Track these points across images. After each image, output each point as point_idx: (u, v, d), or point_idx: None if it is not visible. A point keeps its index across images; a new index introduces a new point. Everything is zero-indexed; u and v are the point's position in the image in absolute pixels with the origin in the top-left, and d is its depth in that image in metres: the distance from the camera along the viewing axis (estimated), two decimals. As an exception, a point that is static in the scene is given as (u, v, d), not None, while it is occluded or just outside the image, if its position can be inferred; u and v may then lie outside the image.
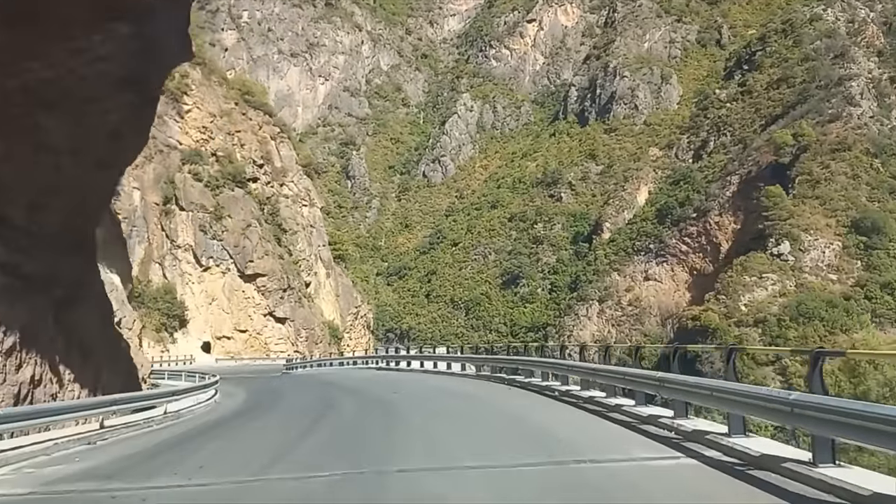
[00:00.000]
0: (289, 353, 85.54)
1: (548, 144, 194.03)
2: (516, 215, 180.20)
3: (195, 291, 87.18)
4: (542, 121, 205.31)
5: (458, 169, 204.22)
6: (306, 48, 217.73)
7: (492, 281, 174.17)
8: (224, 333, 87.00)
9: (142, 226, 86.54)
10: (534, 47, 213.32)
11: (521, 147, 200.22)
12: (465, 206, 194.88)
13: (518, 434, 14.90)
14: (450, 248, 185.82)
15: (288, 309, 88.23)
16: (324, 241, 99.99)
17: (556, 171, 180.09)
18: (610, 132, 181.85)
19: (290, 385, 41.63)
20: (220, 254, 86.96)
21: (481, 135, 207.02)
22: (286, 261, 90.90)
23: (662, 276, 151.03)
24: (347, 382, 37.22)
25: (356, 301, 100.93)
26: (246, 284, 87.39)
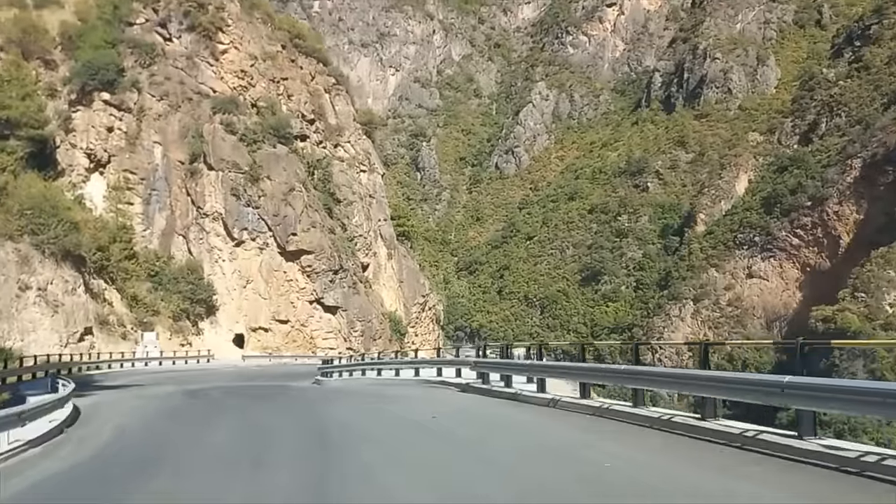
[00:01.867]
0: (339, 350, 63.04)
1: (630, 133, 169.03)
2: (597, 207, 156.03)
3: (226, 271, 65.49)
4: (623, 109, 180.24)
5: (532, 160, 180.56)
6: (377, 38, 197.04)
7: (570, 277, 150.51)
8: (261, 324, 65.07)
9: (163, 189, 65.34)
10: (613, 33, 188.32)
11: (600, 137, 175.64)
12: (539, 198, 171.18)
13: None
14: (524, 242, 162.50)
15: (339, 295, 65.93)
16: (385, 215, 77.58)
17: (641, 160, 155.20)
18: (700, 118, 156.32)
19: (283, 419, 18.77)
20: (256, 224, 65.19)
21: (557, 125, 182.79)
22: (338, 236, 68.72)
23: (769, 272, 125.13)
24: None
25: (423, 288, 78.20)
26: (288, 264, 65.41)
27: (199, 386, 30.70)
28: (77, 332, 51.48)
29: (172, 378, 38.46)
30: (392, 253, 75.11)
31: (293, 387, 30.70)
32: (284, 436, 14.06)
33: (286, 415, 17.37)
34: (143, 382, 33.92)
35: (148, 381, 36.05)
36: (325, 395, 25.24)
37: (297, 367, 55.29)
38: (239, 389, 28.59)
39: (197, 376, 40.33)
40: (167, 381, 35.89)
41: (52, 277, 51.23)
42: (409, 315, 74.53)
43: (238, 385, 32.19)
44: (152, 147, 66.30)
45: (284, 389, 28.38)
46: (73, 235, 51.89)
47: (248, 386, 31.28)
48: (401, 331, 71.54)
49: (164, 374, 44.35)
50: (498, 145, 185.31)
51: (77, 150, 64.25)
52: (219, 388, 29.10)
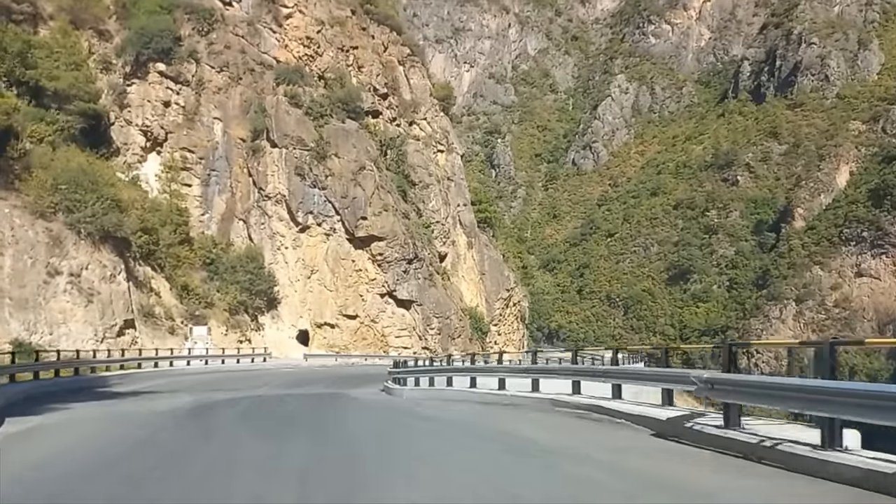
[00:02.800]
0: (414, 350, 53.73)
1: (716, 126, 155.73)
2: (682, 202, 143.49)
3: (289, 260, 56.99)
4: (708, 101, 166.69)
5: (611, 155, 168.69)
6: (451, 34, 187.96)
7: (655, 276, 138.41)
8: (326, 319, 56.29)
9: (223, 170, 57.25)
10: (699, 21, 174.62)
11: (683, 130, 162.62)
12: (619, 194, 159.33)
13: None
14: (604, 240, 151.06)
15: (414, 288, 56.69)
16: (465, 199, 68.00)
17: (729, 153, 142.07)
18: (794, 108, 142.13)
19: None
20: (321, 207, 56.51)
21: (637, 118, 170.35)
22: (413, 222, 59.56)
23: (880, 271, 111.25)
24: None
25: (508, 282, 68.15)
26: (357, 252, 56.50)
27: (228, 395, 21.68)
28: (115, 325, 43.40)
29: (206, 382, 29.67)
30: (472, 241, 65.53)
31: (353, 398, 21.31)
32: None
33: (317, 479, 7.78)
34: (159, 389, 25.13)
35: (173, 386, 27.30)
36: (398, 418, 15.64)
37: (366, 369, 46.11)
38: (276, 403, 19.37)
39: (238, 380, 31.49)
40: (195, 386, 27.09)
41: (88, 262, 43.29)
42: (492, 311, 64.83)
43: (281, 394, 23.00)
44: (212, 123, 58.32)
45: (340, 404, 18.88)
46: (113, 214, 43.93)
47: (293, 396, 22.02)
48: (482, 329, 61.90)
49: (202, 375, 35.72)
50: (575, 141, 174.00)
51: (132, 128, 56.78)
52: (249, 401, 19.94)
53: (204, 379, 32.32)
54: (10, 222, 41.00)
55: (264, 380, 32.30)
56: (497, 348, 63.58)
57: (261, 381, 31.53)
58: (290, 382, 30.68)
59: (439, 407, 17.62)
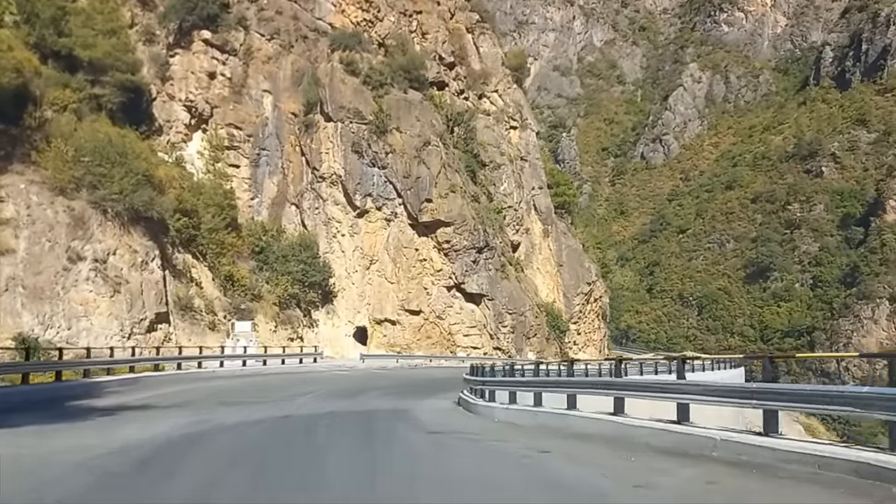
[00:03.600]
0: (484, 350, 46.06)
1: (796, 115, 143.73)
2: (761, 196, 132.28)
3: (345, 248, 49.97)
4: (787, 90, 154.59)
5: (682, 148, 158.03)
6: (515, 27, 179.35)
7: (732, 274, 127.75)
8: (387, 315, 49.03)
9: (274, 148, 50.56)
10: (774, 7, 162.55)
11: (760, 120, 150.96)
12: (692, 188, 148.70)
13: None
14: (675, 236, 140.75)
15: (485, 280, 48.98)
16: (541, 182, 59.83)
17: (812, 143, 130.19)
18: (884, 93, 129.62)
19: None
20: (382, 189, 49.27)
21: (710, 109, 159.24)
22: (483, 206, 51.68)
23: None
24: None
25: (589, 274, 59.75)
26: (421, 239, 49.11)
27: (241, 415, 14.61)
28: (146, 319, 36.95)
29: (231, 391, 22.67)
30: (549, 229, 57.46)
31: (420, 422, 13.74)
32: None
33: None
34: (157, 403, 18.24)
35: (183, 397, 20.40)
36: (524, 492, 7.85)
37: (431, 371, 38.67)
38: (303, 433, 11.97)
39: (274, 388, 24.43)
40: (210, 397, 20.15)
41: (116, 246, 36.93)
42: (571, 308, 56.61)
43: (319, 412, 15.81)
44: (261, 97, 51.63)
45: (400, 437, 11.27)
46: (144, 191, 37.45)
47: (336, 417, 14.73)
48: (560, 327, 53.86)
49: (232, 380, 28.73)
50: (644, 134, 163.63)
51: (175, 103, 50.51)
52: (265, 428, 12.59)
53: (231, 386, 25.31)
54: (27, 200, 34.84)
55: (308, 387, 25.10)
56: (576, 350, 55.42)
57: (303, 388, 24.37)
58: (339, 391, 23.41)
59: (593, 456, 9.87)
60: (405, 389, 24.27)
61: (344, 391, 23.53)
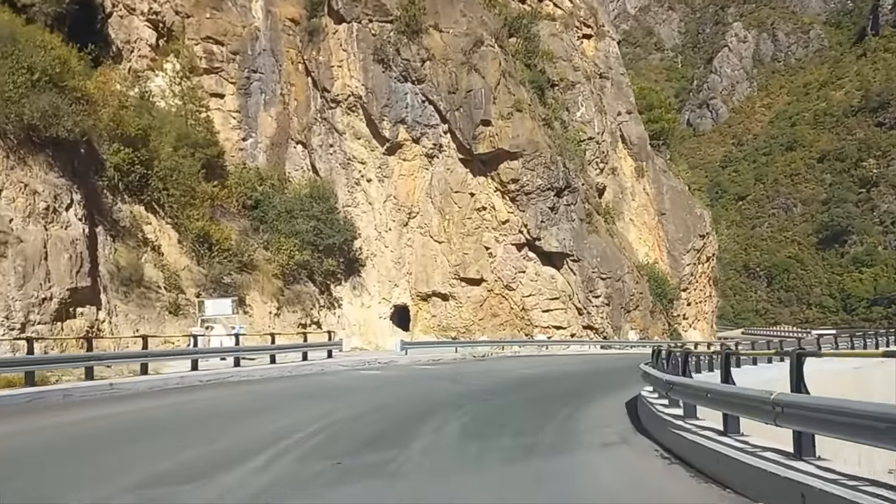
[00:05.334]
0: (572, 330, 29.82)
1: (857, 67, 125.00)
2: (829, 154, 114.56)
3: (373, 198, 34.05)
4: (841, 44, 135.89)
5: (731, 112, 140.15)
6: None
7: (802, 240, 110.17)
8: (435, 288, 33.02)
9: (269, 70, 34.77)
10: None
11: (815, 77, 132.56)
12: (747, 152, 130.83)
13: None
14: (733, 204, 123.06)
15: (568, 235, 32.76)
16: (630, 106, 43.35)
17: (884, 93, 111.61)
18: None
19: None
20: (419, 111, 33.31)
21: (759, 69, 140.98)
22: (558, 134, 35.13)
23: None
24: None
25: (702, 224, 43.13)
26: (477, 179, 33.03)
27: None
28: (51, 299, 21.28)
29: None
30: (643, 167, 41.26)
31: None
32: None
33: None
34: None
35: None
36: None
37: (507, 364, 22.66)
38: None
39: (189, 423, 8.46)
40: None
41: (1, 184, 21.41)
42: (679, 270, 40.31)
43: None
44: (249, 2, 36.00)
45: None
46: (44, 98, 21.81)
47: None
48: (668, 296, 37.69)
49: (123, 405, 12.76)
50: (689, 100, 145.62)
51: (136, 17, 35.18)
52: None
53: (90, 429, 9.50)
54: None
55: (284, 418, 9.32)
56: (685, 327, 38.96)
57: (270, 422, 8.56)
58: (350, 432, 7.57)
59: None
60: (494, 423, 8.64)
61: (363, 431, 7.91)
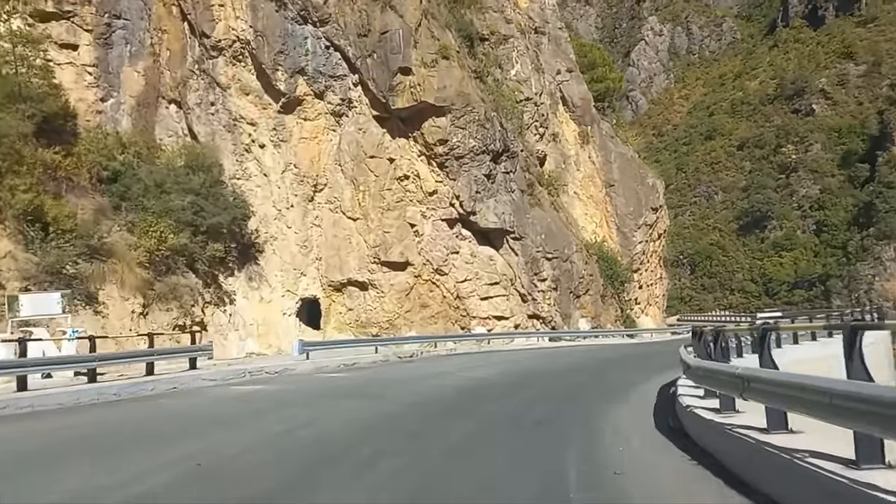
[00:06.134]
0: (516, 319, 23.67)
1: (769, 58, 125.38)
2: (748, 141, 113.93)
3: (268, 167, 26.91)
4: (753, 36, 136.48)
5: (651, 104, 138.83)
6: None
7: (724, 227, 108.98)
8: (351, 275, 25.96)
9: (135, 13, 26.96)
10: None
11: (729, 68, 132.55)
12: (667, 143, 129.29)
13: None
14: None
15: (508, 208, 26.35)
16: (570, 63, 37.76)
17: (798, 81, 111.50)
18: (865, 24, 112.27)
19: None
20: (322, 59, 26.33)
21: (675, 62, 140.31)
22: (490, 89, 29.01)
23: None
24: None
25: (654, 196, 37.79)
26: (397, 141, 26.20)
27: None
28: None
29: None
30: (588, 132, 35.69)
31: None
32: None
33: None
34: None
35: None
36: None
37: (447, 371, 16.47)
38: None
39: None
40: None
41: None
42: (630, 248, 34.88)
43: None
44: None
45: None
46: None
47: None
48: (620, 278, 32.27)
49: None
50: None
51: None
52: None
53: None
54: None
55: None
56: (638, 313, 33.72)
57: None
58: None
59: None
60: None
61: None
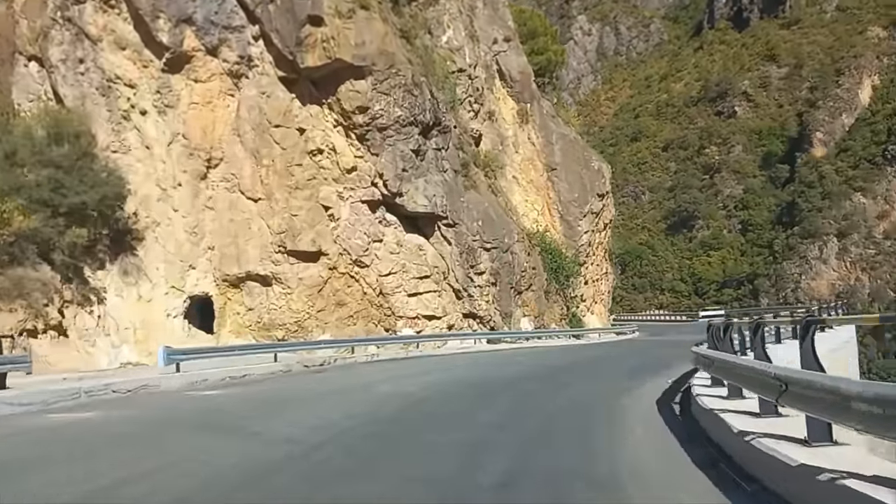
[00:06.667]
0: (450, 322, 19.44)
1: (695, 60, 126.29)
2: (673, 143, 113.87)
3: (150, 138, 21.32)
4: (679, 37, 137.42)
5: (578, 105, 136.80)
6: None
7: (652, 227, 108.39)
8: (250, 268, 20.76)
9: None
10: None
11: (655, 70, 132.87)
12: (594, 144, 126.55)
13: None
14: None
15: (438, 188, 21.79)
16: (509, 32, 33.71)
17: (722, 83, 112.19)
18: (789, 26, 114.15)
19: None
20: (213, 6, 21.05)
21: (603, 63, 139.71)
22: (419, 52, 24.52)
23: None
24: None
25: (601, 181, 33.95)
26: (307, 108, 21.14)
27: None
28: None
29: None
30: (528, 111, 31.71)
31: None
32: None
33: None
34: None
35: None
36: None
37: (368, 384, 12.04)
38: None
39: None
40: None
41: None
42: (575, 238, 31.03)
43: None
44: None
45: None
46: None
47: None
48: (565, 272, 28.46)
49: None
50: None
51: None
52: None
53: None
54: None
55: None
56: (584, 311, 30.03)
57: None
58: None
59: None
60: None
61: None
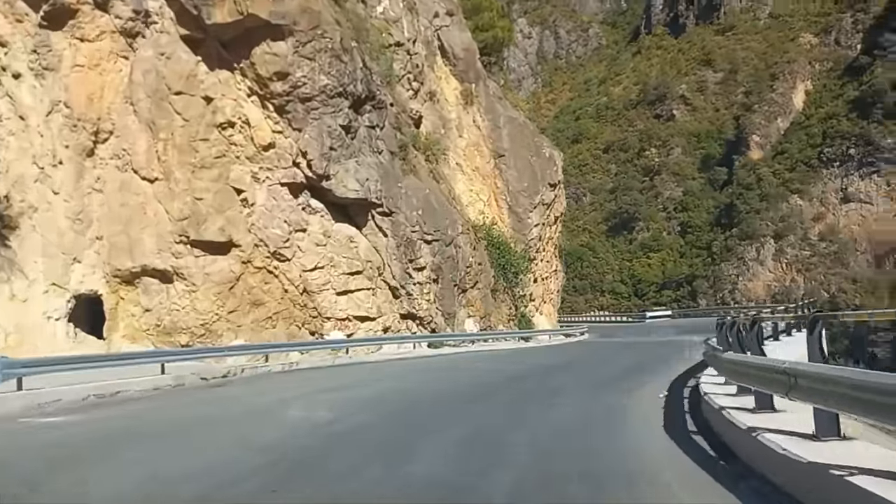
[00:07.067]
0: (386, 324, 16.23)
1: (633, 64, 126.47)
2: (613, 145, 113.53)
3: (26, 108, 17.02)
4: (617, 42, 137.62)
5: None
6: None
7: (593, 228, 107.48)
8: (146, 262, 16.78)
9: None
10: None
11: (595, 73, 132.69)
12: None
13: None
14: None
15: (372, 171, 18.37)
16: (450, 6, 30.48)
17: (660, 87, 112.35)
18: (724, 32, 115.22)
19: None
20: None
21: (543, 66, 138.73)
22: (350, 15, 21.11)
23: (871, 193, 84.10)
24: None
25: (552, 169, 31.08)
26: (216, 74, 17.37)
27: None
28: None
29: None
30: (473, 92, 28.57)
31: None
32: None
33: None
34: None
35: None
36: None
37: (271, 408, 8.58)
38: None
39: None
40: None
41: None
42: (525, 232, 28.01)
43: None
44: None
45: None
46: None
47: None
48: (514, 268, 25.44)
49: None
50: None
51: None
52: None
53: None
54: None
55: None
56: (532, 311, 27.13)
57: None
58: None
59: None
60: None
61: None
